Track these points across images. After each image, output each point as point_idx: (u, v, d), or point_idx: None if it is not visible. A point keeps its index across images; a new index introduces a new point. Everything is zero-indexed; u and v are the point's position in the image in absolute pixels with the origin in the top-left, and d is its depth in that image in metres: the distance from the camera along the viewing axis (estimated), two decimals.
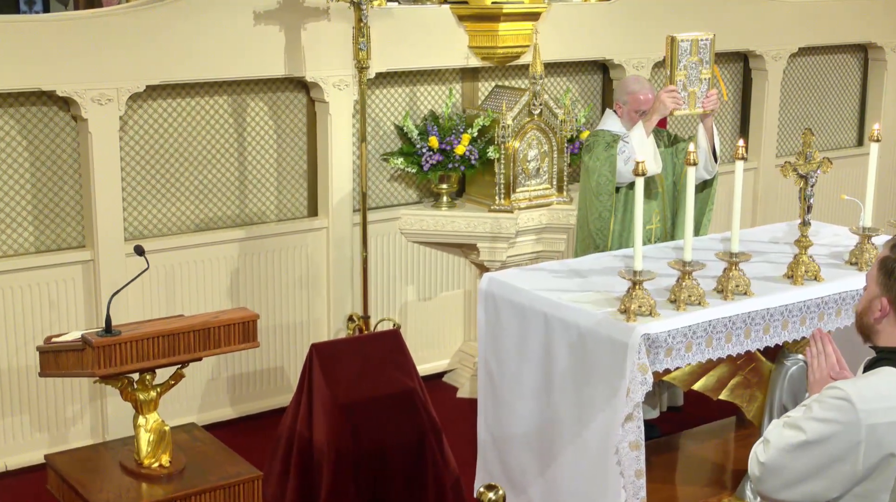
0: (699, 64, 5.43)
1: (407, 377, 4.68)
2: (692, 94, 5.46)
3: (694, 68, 5.43)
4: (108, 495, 4.11)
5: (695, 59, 5.42)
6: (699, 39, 5.42)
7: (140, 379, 4.33)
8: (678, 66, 5.41)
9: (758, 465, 2.84)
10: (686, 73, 5.44)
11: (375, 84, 6.35)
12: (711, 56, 5.45)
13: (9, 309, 5.38)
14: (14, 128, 5.42)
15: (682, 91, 5.44)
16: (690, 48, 5.43)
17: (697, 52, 5.43)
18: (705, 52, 5.44)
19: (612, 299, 4.46)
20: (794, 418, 2.82)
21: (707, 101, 5.45)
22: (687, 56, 5.44)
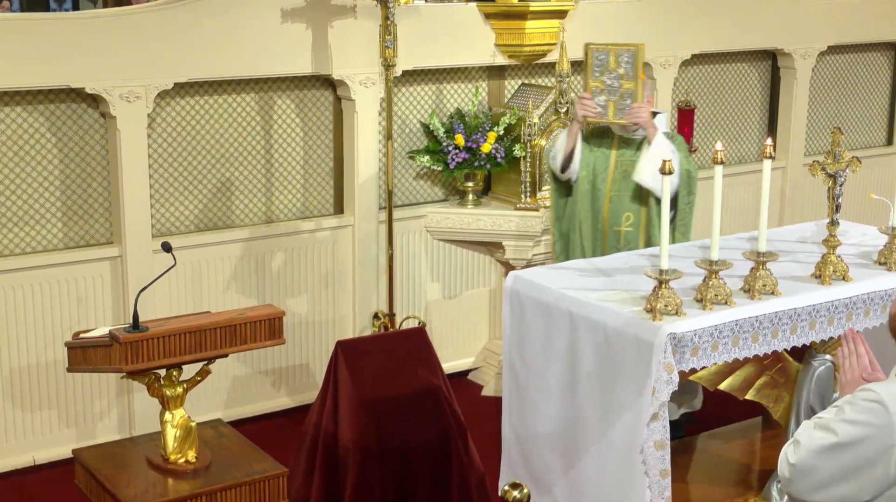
0: (621, 76, 5.37)
1: (432, 375, 4.68)
2: (611, 104, 5.42)
3: (615, 79, 5.38)
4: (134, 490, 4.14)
5: (616, 69, 5.37)
6: (619, 51, 5.37)
7: (167, 375, 4.35)
8: (592, 75, 5.43)
9: (788, 467, 2.82)
10: (604, 83, 5.41)
11: (402, 82, 6.35)
12: (636, 68, 5.35)
13: (37, 304, 5.42)
14: (43, 125, 5.46)
15: (601, 100, 5.42)
16: (608, 58, 5.40)
17: (618, 64, 5.37)
18: (629, 64, 5.36)
19: (638, 298, 4.44)
20: (825, 419, 2.79)
21: (629, 114, 5.38)
22: (604, 66, 5.42)
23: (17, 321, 5.40)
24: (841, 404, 2.80)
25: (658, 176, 5.27)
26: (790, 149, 7.93)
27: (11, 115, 5.38)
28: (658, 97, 7.14)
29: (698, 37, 7.24)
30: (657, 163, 5.29)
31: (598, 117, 5.47)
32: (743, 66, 7.82)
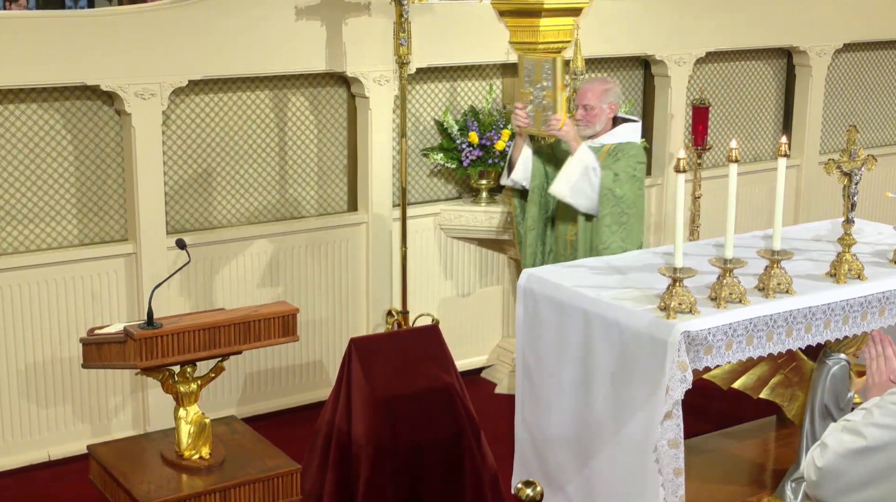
0: (544, 87, 5.33)
1: (445, 372, 4.68)
2: (537, 115, 5.38)
3: (539, 90, 5.34)
4: (148, 486, 4.15)
5: (541, 80, 5.33)
6: (542, 60, 5.31)
7: (181, 371, 4.36)
8: (524, 85, 5.41)
9: (815, 470, 2.79)
10: (532, 94, 5.37)
11: (416, 79, 6.36)
12: (555, 79, 5.29)
13: (52, 301, 5.45)
14: (59, 122, 5.48)
15: (529, 110, 5.39)
16: (534, 68, 5.34)
17: (542, 76, 5.31)
18: (549, 74, 5.30)
19: (652, 296, 4.44)
20: (853, 423, 2.77)
21: (547, 126, 5.36)
22: (531, 76, 5.37)
23: (32, 317, 5.42)
24: (869, 407, 2.77)
25: (574, 188, 5.29)
26: (805, 147, 7.90)
27: (27, 112, 5.40)
28: (672, 95, 7.13)
29: (713, 34, 7.22)
30: (572, 177, 5.30)
31: (527, 128, 5.44)
32: (758, 63, 7.79)
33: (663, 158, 7.23)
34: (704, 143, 7.04)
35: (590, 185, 5.30)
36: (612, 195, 5.29)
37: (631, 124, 5.57)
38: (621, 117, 5.61)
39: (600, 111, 5.47)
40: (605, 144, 5.48)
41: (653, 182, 7.24)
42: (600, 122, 5.49)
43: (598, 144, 5.48)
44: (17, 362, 5.42)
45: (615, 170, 5.32)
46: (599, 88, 5.49)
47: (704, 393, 5.06)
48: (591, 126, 5.50)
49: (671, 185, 7.13)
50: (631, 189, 5.34)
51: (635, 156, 5.42)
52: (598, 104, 5.47)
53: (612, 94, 5.53)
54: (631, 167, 5.36)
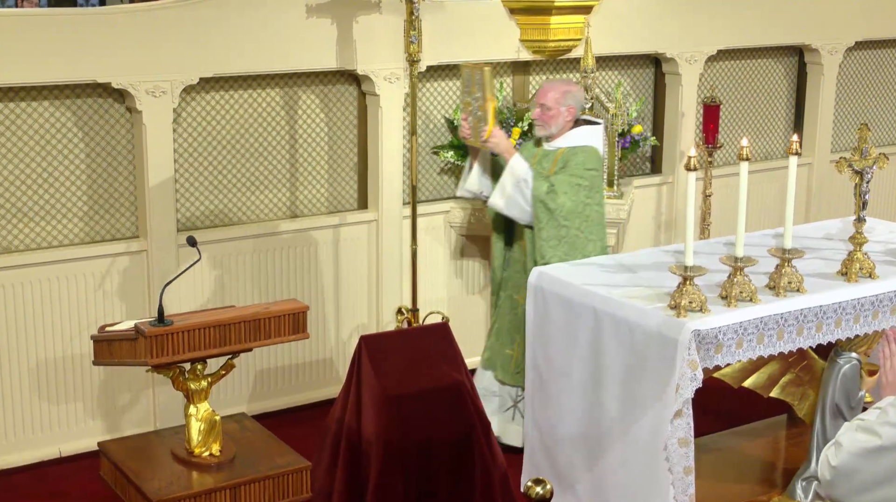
0: (478, 98, 5.20)
1: (455, 370, 4.68)
2: (475, 126, 5.27)
3: (475, 101, 5.23)
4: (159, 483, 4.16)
5: (475, 91, 5.20)
6: (475, 72, 5.18)
7: (191, 368, 4.37)
8: (465, 95, 5.30)
9: (829, 469, 2.79)
10: (471, 104, 5.25)
11: (426, 77, 6.36)
12: (485, 90, 5.17)
13: (64, 298, 5.46)
14: (70, 119, 5.49)
15: (470, 120, 5.29)
16: (470, 80, 5.22)
17: (475, 86, 5.19)
18: (479, 85, 5.18)
19: (663, 294, 4.43)
20: (868, 422, 2.76)
21: (479, 137, 5.26)
22: (468, 87, 5.25)
23: (43, 314, 5.44)
24: (884, 406, 2.77)
25: (509, 201, 5.20)
26: (817, 145, 7.88)
27: (38, 109, 5.42)
28: (683, 93, 7.11)
29: (724, 32, 7.20)
30: (506, 189, 5.21)
31: (469, 139, 5.34)
32: (769, 61, 7.77)
33: (674, 156, 7.21)
34: (715, 142, 7.02)
35: (523, 198, 5.20)
36: (545, 208, 5.16)
37: (590, 127, 5.43)
38: (584, 119, 5.49)
39: (557, 113, 5.33)
40: (560, 148, 5.36)
41: (663, 180, 7.23)
42: (556, 124, 5.35)
43: (553, 147, 5.37)
44: (28, 359, 5.44)
45: (552, 181, 5.20)
46: (560, 90, 5.36)
47: (715, 392, 5.04)
48: (545, 127, 5.37)
49: (682, 184, 7.12)
50: (572, 199, 5.19)
51: (583, 163, 5.26)
52: (556, 106, 5.33)
53: (573, 98, 5.38)
54: (576, 176, 5.22)
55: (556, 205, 5.16)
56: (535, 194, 5.16)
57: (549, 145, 5.39)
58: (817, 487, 4.71)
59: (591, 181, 5.25)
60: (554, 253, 5.20)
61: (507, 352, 5.54)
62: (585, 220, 5.23)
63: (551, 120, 5.34)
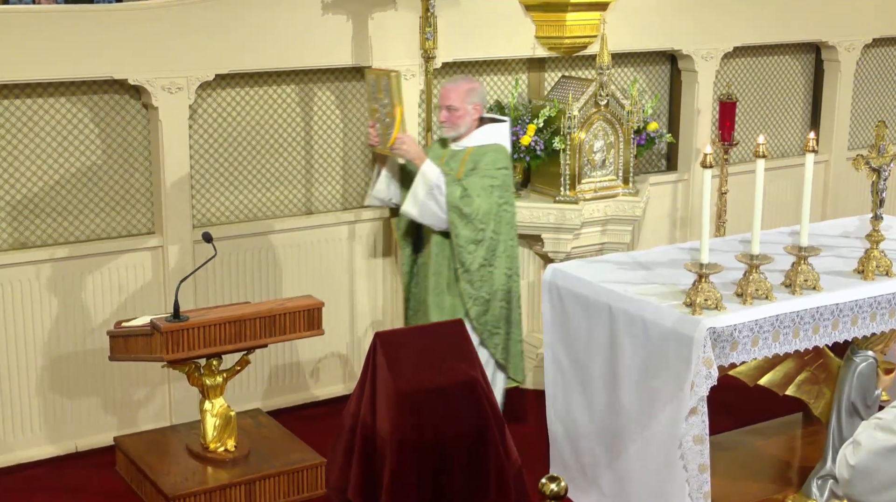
0: (385, 104, 5.07)
1: (470, 367, 4.68)
2: (384, 132, 5.13)
3: (382, 107, 5.10)
4: (174, 478, 4.18)
5: (382, 98, 5.07)
6: (382, 77, 5.05)
7: (207, 364, 4.39)
8: (371, 101, 5.17)
9: (847, 468, 2.77)
10: (378, 110, 5.11)
11: (441, 73, 6.35)
12: (392, 96, 5.03)
13: (80, 293, 5.48)
14: (87, 115, 5.51)
15: (378, 127, 5.14)
16: (376, 85, 5.09)
17: (382, 92, 5.05)
18: (387, 91, 5.05)
19: (678, 292, 4.42)
20: (886, 421, 2.75)
21: (391, 146, 5.10)
22: (375, 93, 5.12)
23: (59, 310, 5.46)
24: None
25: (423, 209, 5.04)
26: (833, 142, 7.85)
27: (56, 105, 5.44)
28: (699, 90, 7.09)
29: (741, 29, 7.17)
30: (418, 197, 5.04)
31: (378, 146, 5.22)
32: (786, 58, 7.74)
33: (689, 154, 7.19)
34: (731, 139, 7.00)
35: (437, 205, 5.05)
36: (460, 213, 5.04)
37: (497, 125, 5.31)
38: (488, 117, 5.37)
39: (464, 112, 5.20)
40: (468, 147, 5.24)
41: (679, 177, 7.21)
42: (464, 123, 5.23)
43: (461, 147, 5.25)
44: (44, 354, 5.46)
45: (464, 185, 5.08)
46: (463, 88, 5.22)
47: (730, 390, 5.04)
48: (454, 128, 5.23)
49: (697, 181, 7.10)
50: (486, 201, 5.08)
51: (494, 162, 5.15)
52: (462, 105, 5.19)
53: (477, 95, 5.25)
54: (488, 176, 5.12)
55: (471, 209, 5.04)
56: (449, 200, 5.02)
57: (456, 145, 5.26)
58: (833, 486, 4.70)
59: (502, 180, 5.14)
60: (472, 258, 5.09)
61: None
62: (500, 221, 5.13)
63: (459, 120, 5.21)
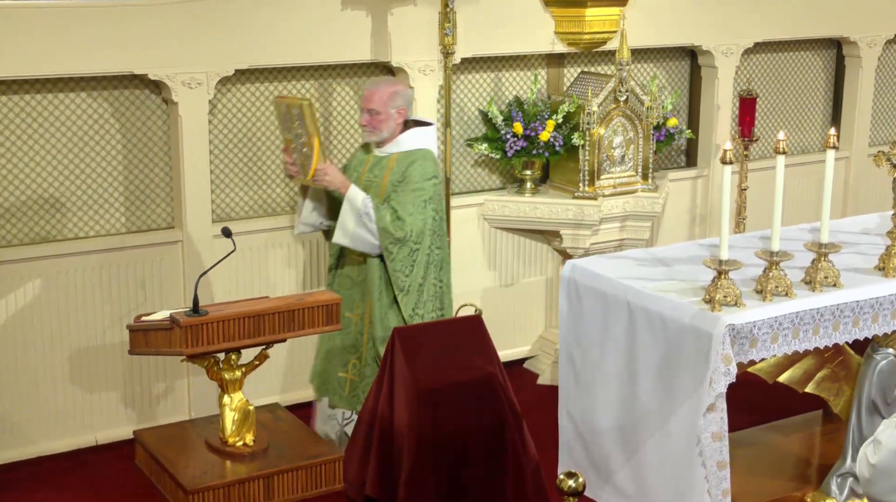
0: (300, 134, 4.86)
1: (488, 362, 4.68)
2: (304, 163, 4.91)
3: (298, 138, 4.89)
4: (193, 471, 4.19)
5: (297, 128, 4.85)
6: (293, 106, 4.83)
7: (226, 358, 4.40)
8: (284, 130, 4.96)
9: (868, 467, 2.76)
10: (294, 141, 4.90)
11: (460, 69, 6.35)
12: (308, 126, 4.80)
13: (100, 287, 5.51)
14: (107, 110, 5.54)
15: (294, 157, 4.93)
16: (288, 115, 4.86)
17: (295, 122, 4.85)
18: (300, 120, 4.83)
19: (697, 288, 4.41)
20: None
21: (313, 177, 4.89)
22: (287, 122, 4.91)
23: (80, 304, 5.49)
24: None
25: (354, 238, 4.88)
26: (854, 139, 7.80)
27: (76, 100, 5.46)
28: (719, 86, 7.06)
29: (761, 25, 7.14)
30: (347, 227, 4.85)
31: (298, 176, 5.00)
32: (807, 54, 7.70)
33: (709, 150, 7.17)
34: (751, 135, 6.97)
35: (368, 232, 4.90)
36: (394, 238, 4.90)
37: (422, 128, 5.13)
38: (413, 120, 5.19)
39: (387, 116, 5.00)
40: (393, 153, 5.06)
41: (699, 173, 7.19)
42: (387, 128, 5.02)
43: (386, 153, 5.08)
44: (65, 348, 5.49)
45: (393, 206, 4.91)
46: (386, 91, 5.02)
47: (749, 387, 5.02)
48: (377, 132, 5.04)
49: (717, 177, 7.07)
50: (419, 219, 4.93)
51: (423, 173, 4.98)
52: (385, 108, 4.99)
53: (401, 98, 5.06)
54: (418, 190, 4.95)
55: (404, 232, 4.90)
56: (380, 226, 4.88)
57: (381, 151, 5.09)
58: (853, 484, 4.67)
59: (433, 191, 4.99)
60: (410, 281, 4.97)
61: (340, 376, 5.22)
62: (433, 234, 5.00)
63: (382, 124, 5.01)
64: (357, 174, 5.15)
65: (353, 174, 5.15)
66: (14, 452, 5.44)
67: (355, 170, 5.19)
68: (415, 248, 4.95)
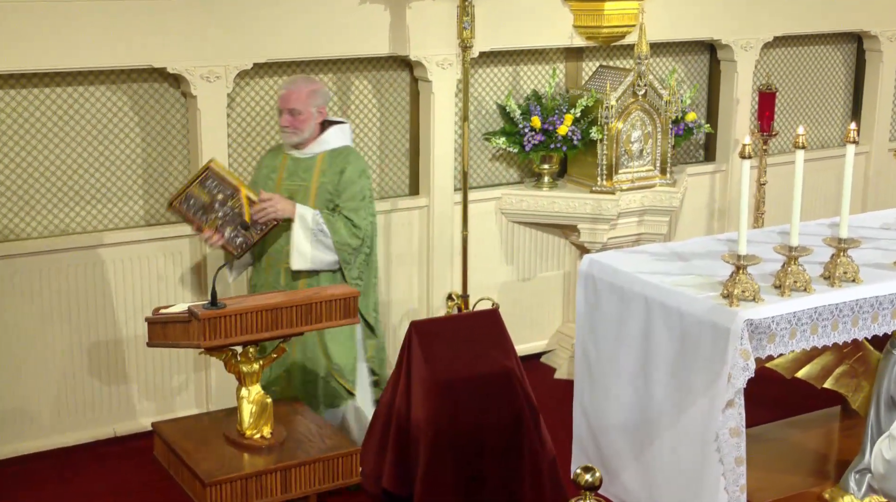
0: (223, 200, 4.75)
1: (505, 357, 4.68)
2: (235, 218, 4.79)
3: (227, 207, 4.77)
4: (210, 464, 4.20)
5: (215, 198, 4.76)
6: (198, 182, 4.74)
7: (243, 351, 4.41)
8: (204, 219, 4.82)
9: (882, 462, 2.75)
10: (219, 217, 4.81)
11: (479, 63, 6.34)
12: (228, 180, 4.77)
13: (119, 280, 5.54)
14: (126, 103, 5.56)
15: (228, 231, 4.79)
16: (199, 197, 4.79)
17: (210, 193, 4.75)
18: (216, 184, 4.74)
19: (715, 283, 4.40)
20: None
21: (259, 219, 4.77)
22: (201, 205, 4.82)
23: (98, 296, 5.52)
24: None
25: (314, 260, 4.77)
26: (874, 133, 7.75)
27: (96, 93, 5.49)
28: (738, 80, 7.03)
29: (781, 18, 7.10)
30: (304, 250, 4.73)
31: (240, 249, 4.90)
32: (827, 48, 7.66)
33: (728, 144, 7.14)
34: (770, 129, 6.94)
35: (326, 249, 4.82)
36: (352, 248, 4.84)
37: (340, 126, 5.04)
38: (328, 120, 5.06)
39: (308, 115, 4.89)
40: (317, 153, 4.95)
41: (717, 168, 7.16)
42: (308, 128, 4.91)
43: (309, 154, 4.95)
44: (84, 340, 5.52)
45: (347, 216, 4.84)
46: (305, 90, 4.90)
47: (767, 382, 5.01)
48: (298, 133, 4.91)
49: (736, 172, 7.05)
50: (369, 222, 4.89)
51: (360, 171, 4.92)
52: (306, 108, 4.88)
53: (321, 96, 4.96)
54: (362, 190, 4.89)
55: (360, 239, 4.86)
56: (338, 240, 4.81)
57: (303, 153, 4.96)
58: (871, 480, 4.66)
59: (370, 186, 4.95)
60: (364, 285, 4.92)
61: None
62: (374, 231, 4.97)
63: (304, 124, 4.89)
64: (272, 182, 4.98)
65: (268, 183, 4.98)
66: (34, 443, 5.48)
67: (268, 179, 5.00)
68: (365, 251, 4.90)
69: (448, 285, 6.29)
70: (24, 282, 5.35)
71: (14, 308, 5.35)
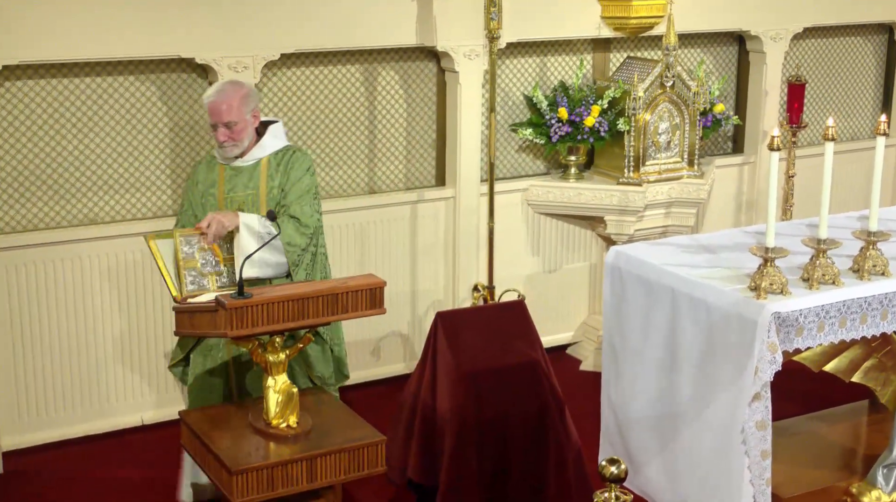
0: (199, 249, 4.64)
1: (531, 348, 4.68)
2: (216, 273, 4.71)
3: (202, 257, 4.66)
4: (237, 452, 4.23)
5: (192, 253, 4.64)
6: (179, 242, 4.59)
7: (270, 341, 4.43)
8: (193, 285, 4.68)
9: None
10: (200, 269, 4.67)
11: (506, 54, 6.33)
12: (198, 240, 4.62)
13: (148, 269, 5.57)
14: (155, 94, 5.59)
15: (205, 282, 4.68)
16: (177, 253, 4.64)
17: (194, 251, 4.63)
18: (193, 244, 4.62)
19: (742, 276, 4.37)
20: None
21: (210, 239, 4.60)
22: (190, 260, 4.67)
23: (127, 284, 5.55)
24: None
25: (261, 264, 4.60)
26: None
27: (125, 84, 5.52)
28: (767, 71, 6.99)
29: (811, 9, 7.05)
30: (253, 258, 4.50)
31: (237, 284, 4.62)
32: (857, 39, 7.59)
33: (756, 136, 7.10)
34: (800, 121, 6.89)
35: (276, 252, 4.65)
36: (300, 249, 4.67)
37: (274, 126, 4.78)
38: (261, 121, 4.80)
39: (245, 124, 4.62)
40: (260, 158, 4.71)
41: (745, 160, 7.12)
42: (247, 135, 4.66)
43: (252, 160, 4.70)
44: (112, 328, 5.57)
45: (293, 215, 4.64)
46: (236, 98, 4.59)
47: (795, 376, 4.98)
48: (238, 145, 4.65)
49: (764, 164, 7.01)
50: (315, 218, 4.71)
51: (305, 168, 4.72)
52: (241, 117, 4.60)
53: (252, 99, 4.67)
54: (308, 185, 4.71)
55: (307, 237, 4.68)
56: (286, 242, 4.63)
57: (244, 160, 4.71)
58: None
59: (315, 182, 4.75)
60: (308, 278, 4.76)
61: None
62: (321, 229, 4.80)
63: (241, 134, 4.63)
64: (213, 198, 4.74)
65: (209, 199, 4.75)
66: (61, 431, 5.53)
67: (208, 195, 4.76)
68: (313, 251, 4.76)
69: (474, 276, 6.30)
70: (54, 269, 5.39)
71: (48, 294, 5.40)
